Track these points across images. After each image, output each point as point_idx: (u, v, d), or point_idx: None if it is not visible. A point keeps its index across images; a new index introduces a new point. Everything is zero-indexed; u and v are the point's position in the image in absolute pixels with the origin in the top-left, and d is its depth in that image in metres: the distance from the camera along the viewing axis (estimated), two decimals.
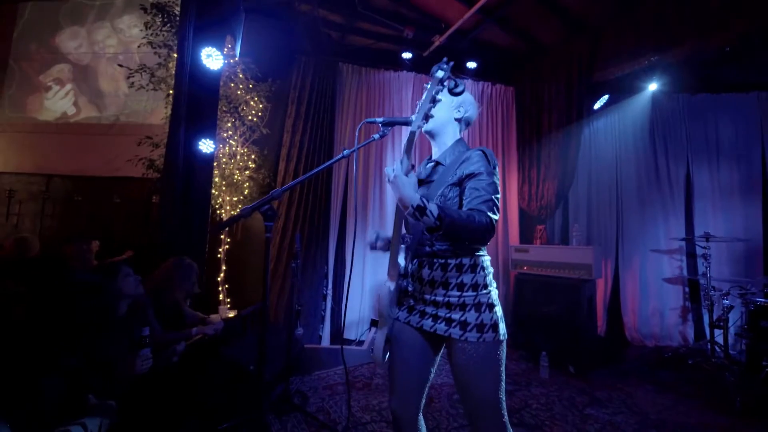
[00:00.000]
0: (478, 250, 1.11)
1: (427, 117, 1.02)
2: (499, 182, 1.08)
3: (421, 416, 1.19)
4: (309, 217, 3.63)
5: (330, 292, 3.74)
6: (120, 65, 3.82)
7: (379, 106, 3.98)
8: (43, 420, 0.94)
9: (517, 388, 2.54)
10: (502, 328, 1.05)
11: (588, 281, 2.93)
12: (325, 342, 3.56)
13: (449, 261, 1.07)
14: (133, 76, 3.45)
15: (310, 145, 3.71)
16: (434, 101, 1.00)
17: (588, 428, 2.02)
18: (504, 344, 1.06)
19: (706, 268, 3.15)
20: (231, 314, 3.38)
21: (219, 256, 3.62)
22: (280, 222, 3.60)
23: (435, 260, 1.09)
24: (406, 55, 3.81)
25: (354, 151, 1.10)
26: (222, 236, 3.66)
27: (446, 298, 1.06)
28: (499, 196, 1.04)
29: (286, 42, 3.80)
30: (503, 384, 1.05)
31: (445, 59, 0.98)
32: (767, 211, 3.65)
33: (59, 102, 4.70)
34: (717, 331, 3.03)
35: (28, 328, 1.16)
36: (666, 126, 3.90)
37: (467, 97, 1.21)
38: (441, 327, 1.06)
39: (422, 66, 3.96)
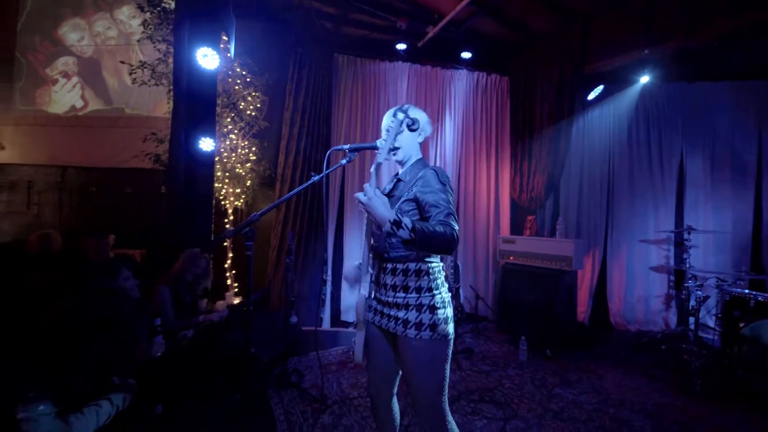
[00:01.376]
0: (428, 256, 1.24)
1: (391, 150, 1.20)
2: (452, 195, 1.22)
3: (395, 399, 1.39)
4: (309, 208, 3.80)
5: (330, 277, 3.98)
6: (122, 62, 3.92)
7: (374, 97, 4.03)
8: (78, 396, 1.19)
9: (494, 369, 2.78)
10: (443, 329, 1.16)
11: (568, 272, 3.09)
12: (326, 324, 3.85)
13: (398, 266, 1.23)
14: (135, 72, 3.57)
15: (308, 137, 3.82)
16: (396, 137, 1.20)
17: (552, 406, 2.26)
18: (445, 343, 1.17)
19: (686, 259, 3.26)
20: (236, 300, 3.67)
21: (225, 244, 3.87)
22: (281, 213, 3.80)
23: (388, 265, 1.23)
24: (401, 46, 3.82)
25: (322, 176, 1.26)
26: (227, 225, 3.88)
27: (395, 299, 1.20)
28: (453, 208, 1.18)
29: (282, 34, 3.83)
30: (443, 377, 1.17)
31: (400, 107, 1.17)
32: (759, 203, 3.68)
33: (67, 95, 4.86)
34: (694, 319, 3.19)
35: (60, 318, 1.38)
36: (661, 116, 3.88)
37: (424, 117, 1.35)
38: (391, 325, 1.21)
39: (417, 56, 3.97)
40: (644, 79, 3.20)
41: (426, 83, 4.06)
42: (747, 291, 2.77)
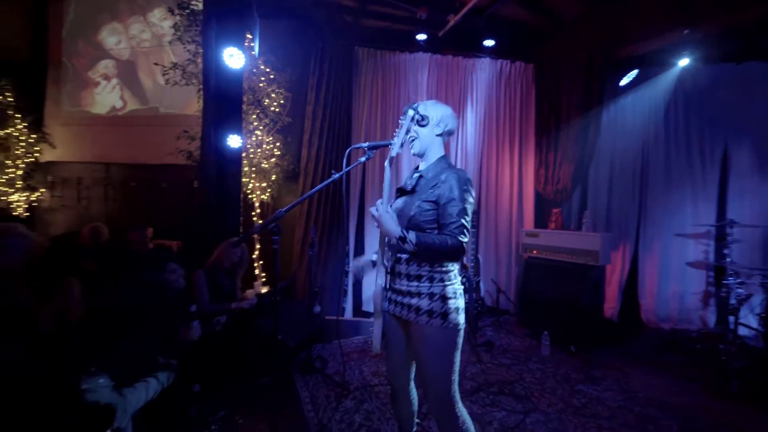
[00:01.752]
0: None
1: (402, 144, 1.26)
2: (471, 202, 1.26)
3: (412, 386, 1.46)
4: (331, 202, 3.90)
5: (351, 268, 4.08)
6: (155, 64, 4.14)
7: (394, 89, 4.03)
8: (131, 372, 1.33)
9: (515, 362, 2.78)
10: (454, 318, 1.22)
11: (594, 267, 2.99)
12: (348, 314, 3.97)
13: (412, 257, 1.27)
14: (168, 73, 3.77)
15: (330, 131, 3.90)
16: (408, 132, 1.26)
17: (573, 401, 2.23)
18: (454, 332, 1.23)
19: (727, 254, 3.06)
20: (264, 289, 3.85)
21: (254, 237, 4.05)
22: (305, 207, 3.92)
23: (403, 256, 1.29)
24: (421, 37, 3.77)
25: (342, 174, 1.30)
26: (254, 218, 4.06)
27: (408, 287, 1.26)
28: (469, 218, 1.23)
29: (303, 30, 3.89)
30: (452, 365, 1.23)
31: (411, 104, 1.26)
32: None
33: (108, 96, 5.21)
34: (736, 317, 3.00)
35: (114, 302, 1.54)
36: (703, 100, 3.59)
37: (446, 112, 1.36)
38: (404, 312, 1.27)
39: (438, 46, 3.90)
40: (683, 61, 2.97)
41: (447, 73, 3.99)
42: None
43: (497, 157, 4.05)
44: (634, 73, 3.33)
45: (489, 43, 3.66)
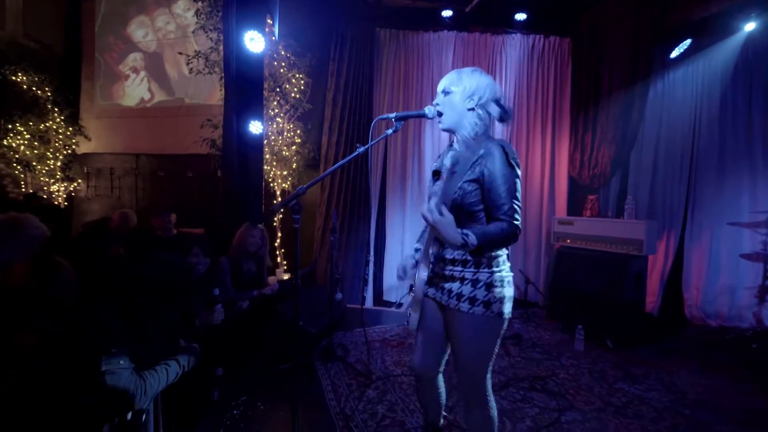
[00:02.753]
0: None
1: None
2: (519, 176, 1.14)
3: (440, 377, 1.38)
4: (351, 188, 3.83)
5: (372, 258, 4.02)
6: (180, 53, 4.18)
7: (417, 72, 3.86)
8: (152, 355, 1.32)
9: (546, 357, 2.62)
10: (498, 307, 1.12)
11: (637, 257, 2.75)
12: (369, 303, 3.92)
13: None
14: (191, 62, 3.79)
15: (351, 117, 3.80)
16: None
17: (613, 400, 2.07)
18: (497, 322, 1.14)
19: None
20: (286, 276, 3.87)
21: (275, 224, 4.07)
22: (326, 193, 3.87)
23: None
24: (446, 13, 3.56)
25: (368, 147, 1.20)
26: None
27: (452, 272, 1.18)
28: (519, 196, 1.12)
29: (323, 12, 3.78)
30: (490, 354, 1.16)
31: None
32: None
33: (137, 88, 5.36)
34: None
35: (134, 288, 1.53)
36: (766, 71, 3.17)
37: (482, 80, 1.19)
38: (444, 297, 1.19)
39: (464, 23, 3.68)
40: (750, 26, 2.60)
41: (474, 52, 3.77)
42: None
43: (528, 141, 3.81)
44: (686, 43, 2.98)
45: (520, 16, 3.41)
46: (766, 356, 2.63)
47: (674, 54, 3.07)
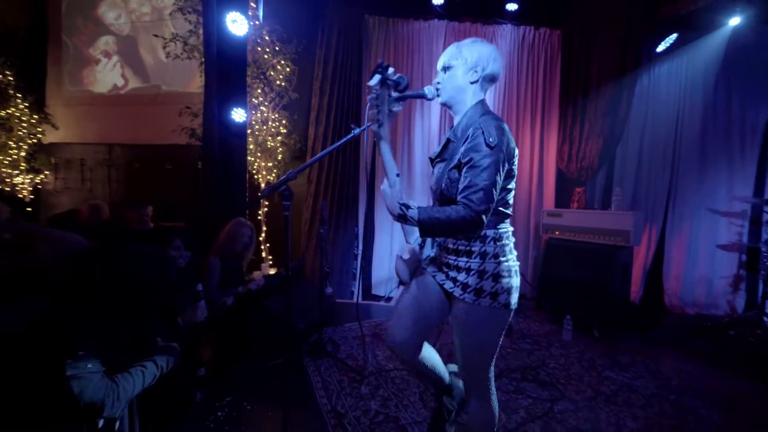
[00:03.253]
0: (500, 222, 1.12)
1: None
2: (500, 160, 1.00)
3: (425, 347, 1.29)
4: (339, 181, 3.73)
5: (360, 251, 3.95)
6: (155, 35, 3.93)
7: (407, 60, 3.77)
8: (125, 357, 1.21)
9: (536, 348, 2.63)
10: (505, 298, 1.07)
11: (624, 248, 2.80)
12: (357, 298, 3.85)
13: None
14: (168, 46, 3.57)
15: (338, 107, 3.69)
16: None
17: (603, 389, 2.09)
18: (503, 312, 1.09)
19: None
20: (272, 271, 3.75)
21: (259, 218, 3.93)
22: (313, 185, 3.76)
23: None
24: (437, 1, 3.47)
25: (364, 129, 1.12)
26: (261, 200, 3.93)
27: (457, 262, 1.12)
28: (494, 181, 0.99)
29: None
30: (495, 345, 1.13)
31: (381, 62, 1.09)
32: None
33: (109, 74, 5.04)
34: None
35: (106, 284, 1.40)
36: (747, 68, 3.26)
37: (483, 50, 1.11)
38: (449, 284, 1.14)
39: (455, 12, 3.61)
40: (734, 21, 2.66)
41: None
42: None
43: (517, 133, 3.80)
44: (672, 37, 3.02)
45: (512, 7, 3.36)
46: (743, 342, 2.73)
47: (660, 48, 3.12)
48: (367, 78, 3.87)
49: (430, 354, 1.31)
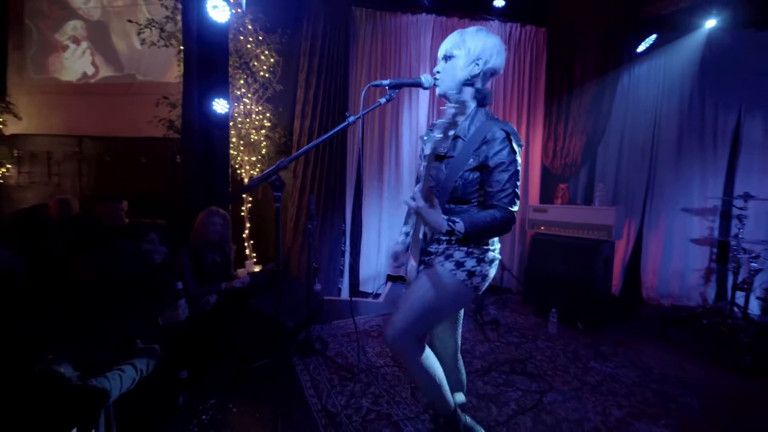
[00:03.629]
0: None
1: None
2: (519, 162, 1.10)
3: (430, 353, 1.24)
4: (326, 176, 3.65)
5: (348, 248, 3.89)
6: (129, 21, 3.71)
7: (395, 54, 3.73)
8: (101, 360, 1.12)
9: (524, 341, 2.67)
10: (478, 281, 1.11)
11: (606, 242, 2.87)
12: (344, 294, 3.80)
13: None
14: (143, 32, 3.38)
15: (325, 100, 3.60)
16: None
17: (588, 379, 2.14)
18: (469, 293, 1.12)
19: (740, 229, 2.98)
20: (257, 269, 3.64)
21: (242, 214, 3.80)
22: (298, 180, 3.67)
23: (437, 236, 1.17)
24: None
25: (359, 117, 1.08)
26: (244, 195, 3.80)
27: (445, 249, 1.15)
28: (518, 183, 1.08)
29: None
30: (435, 312, 1.13)
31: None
32: None
33: (78, 61, 4.73)
34: (739, 294, 2.97)
35: (81, 283, 1.30)
36: (720, 70, 3.41)
37: (488, 42, 1.09)
38: (433, 260, 1.16)
39: (443, 7, 3.59)
40: (710, 23, 2.76)
41: None
42: None
43: None
44: (652, 38, 3.12)
45: (499, 3, 3.38)
46: (715, 331, 2.87)
47: (641, 48, 3.21)
48: (354, 71, 3.81)
49: (431, 362, 1.19)
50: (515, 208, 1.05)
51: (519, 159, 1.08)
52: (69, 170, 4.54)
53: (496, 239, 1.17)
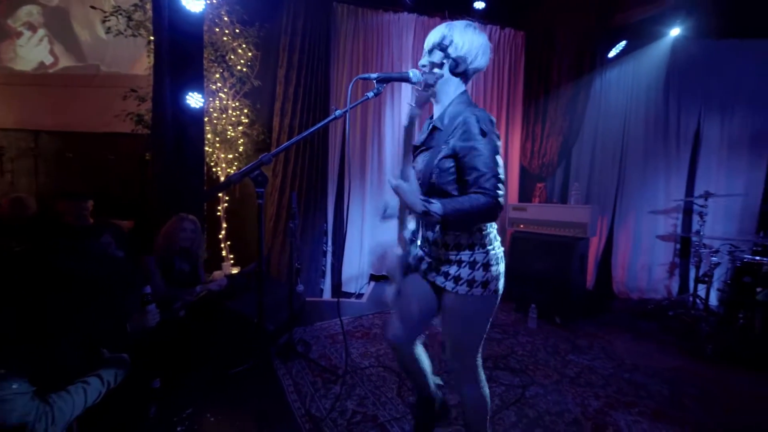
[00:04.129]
0: None
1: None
2: (499, 145, 1.05)
3: (419, 346, 1.35)
4: (307, 174, 3.57)
5: (330, 248, 3.83)
6: (93, 7, 3.48)
7: (377, 53, 3.71)
8: (62, 373, 1.02)
9: (505, 336, 2.72)
10: (494, 285, 1.11)
11: (582, 239, 2.98)
12: (326, 295, 3.73)
13: None
14: (109, 20, 3.16)
15: (305, 98, 3.52)
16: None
17: (568, 372, 2.21)
18: (494, 298, 1.13)
19: (701, 226, 3.18)
20: (234, 270, 3.50)
21: (219, 214, 3.65)
22: (278, 179, 3.56)
23: (438, 224, 1.14)
24: None
25: (347, 111, 1.04)
26: (220, 194, 3.65)
27: (447, 256, 1.14)
28: (500, 167, 1.02)
29: None
30: (483, 333, 1.17)
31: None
32: None
33: (34, 50, 4.37)
34: (700, 286, 3.17)
35: (37, 290, 1.19)
36: (682, 76, 3.65)
37: (475, 40, 1.09)
38: (440, 279, 1.15)
39: (425, 7, 3.60)
40: (675, 31, 2.93)
41: None
42: (759, 258, 2.74)
43: None
44: (622, 44, 3.28)
45: (479, 5, 3.43)
46: (680, 322, 3.05)
47: (611, 54, 3.36)
48: (336, 68, 3.75)
49: (422, 356, 1.36)
50: (500, 193, 0.98)
51: (498, 143, 1.03)
52: (24, 167, 4.20)
53: (493, 238, 1.14)
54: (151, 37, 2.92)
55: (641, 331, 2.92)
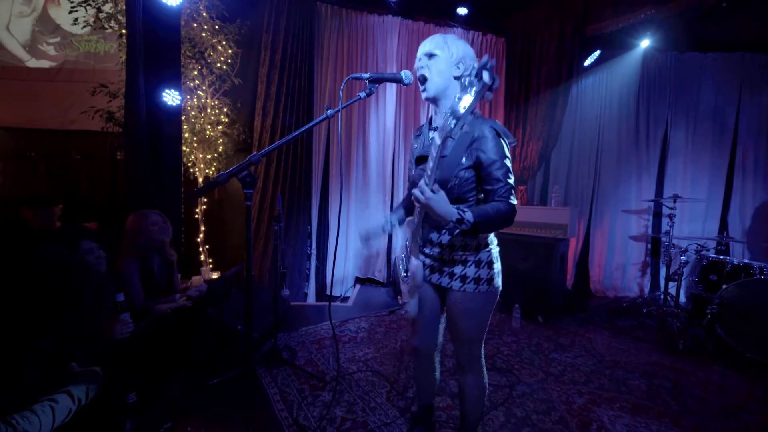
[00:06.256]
0: None
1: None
2: (510, 157, 1.14)
3: (438, 354, 1.43)
4: (290, 177, 3.48)
5: (314, 251, 3.76)
6: None
7: (362, 54, 3.69)
8: (26, 392, 0.93)
9: (490, 336, 2.76)
10: (497, 282, 1.21)
11: (562, 240, 3.07)
12: (311, 299, 3.66)
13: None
14: (76, 11, 2.97)
15: (288, 98, 3.44)
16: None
17: (552, 370, 2.26)
18: (496, 294, 1.22)
19: (670, 227, 3.36)
20: (214, 275, 3.37)
21: (197, 216, 3.50)
22: (260, 182, 3.46)
23: (444, 226, 1.20)
24: None
25: (338, 111, 1.02)
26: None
27: (453, 257, 1.20)
28: (513, 177, 1.12)
29: None
30: (487, 323, 1.25)
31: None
32: (731, 171, 3.84)
33: None
34: (671, 284, 3.35)
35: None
36: (652, 86, 3.88)
37: (468, 50, 1.17)
38: (445, 280, 1.21)
39: (409, 10, 3.62)
40: (645, 43, 3.11)
41: (418, 41, 3.73)
42: (722, 257, 2.93)
43: None
44: (596, 53, 3.43)
45: (462, 11, 3.49)
46: (653, 318, 3.20)
47: (587, 62, 3.51)
48: (319, 69, 3.69)
49: (438, 364, 1.46)
50: (515, 201, 1.09)
51: (509, 154, 1.12)
52: None
53: (492, 239, 1.23)
54: (123, 30, 2.77)
55: (619, 328, 3.04)
